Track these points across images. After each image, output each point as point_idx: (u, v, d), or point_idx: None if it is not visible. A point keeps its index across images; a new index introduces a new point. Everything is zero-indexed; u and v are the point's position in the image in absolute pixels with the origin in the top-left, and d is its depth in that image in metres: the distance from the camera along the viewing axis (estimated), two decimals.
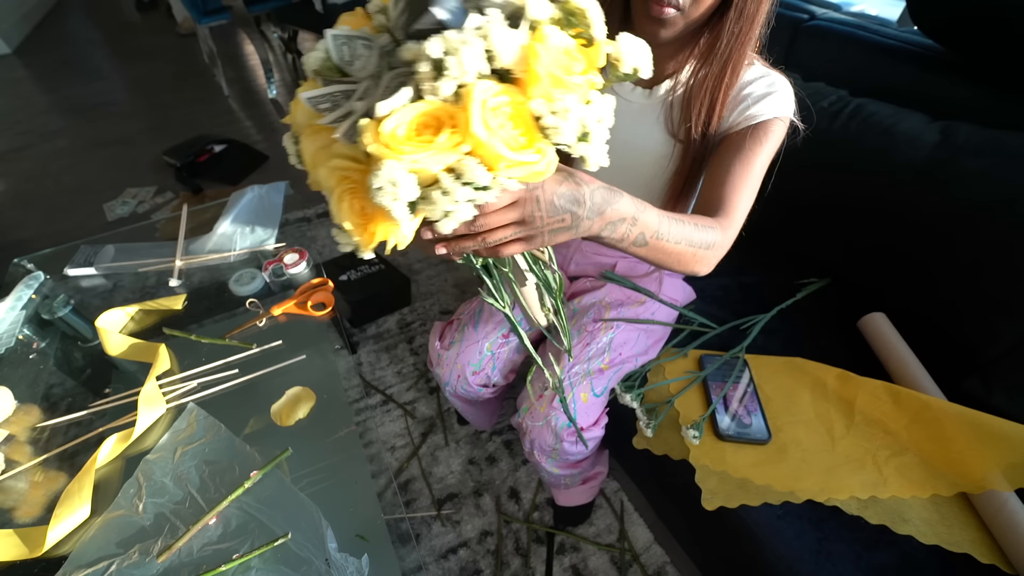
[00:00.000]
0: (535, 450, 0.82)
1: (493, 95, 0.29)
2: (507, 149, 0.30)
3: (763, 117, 0.61)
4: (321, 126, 0.35)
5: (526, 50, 0.30)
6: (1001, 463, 0.64)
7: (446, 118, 0.29)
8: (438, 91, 0.29)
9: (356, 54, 0.36)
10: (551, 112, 0.30)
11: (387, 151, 0.29)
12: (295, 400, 0.72)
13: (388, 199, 0.29)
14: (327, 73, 0.36)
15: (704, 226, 0.53)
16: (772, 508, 0.67)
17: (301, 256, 0.91)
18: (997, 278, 0.72)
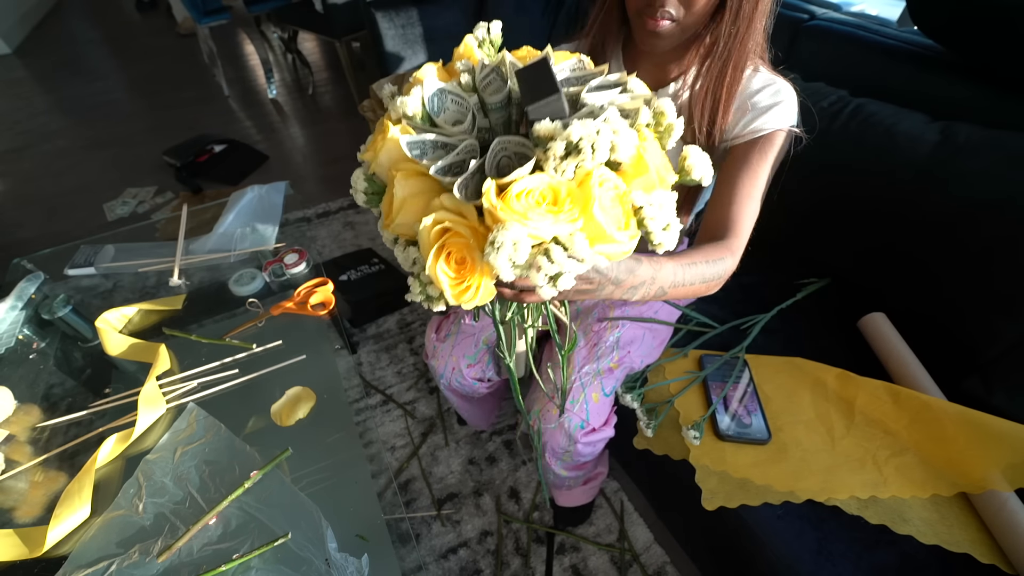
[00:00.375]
0: (547, 452, 0.82)
1: (607, 180, 0.33)
2: (615, 230, 0.33)
3: (768, 129, 0.62)
4: (416, 171, 0.36)
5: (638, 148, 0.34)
6: (1001, 463, 0.64)
7: (562, 193, 0.32)
8: (564, 170, 0.32)
9: (445, 107, 0.39)
10: (649, 203, 0.34)
11: (515, 215, 0.31)
12: (295, 400, 0.72)
13: (503, 259, 0.31)
14: (418, 121, 0.38)
15: (715, 259, 0.55)
16: (772, 508, 0.67)
17: (301, 256, 0.91)
18: (997, 278, 0.72)
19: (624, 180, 0.35)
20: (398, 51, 1.67)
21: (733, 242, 0.58)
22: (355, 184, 0.41)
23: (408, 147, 0.36)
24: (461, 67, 0.42)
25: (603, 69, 0.42)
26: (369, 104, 1.71)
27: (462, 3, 1.69)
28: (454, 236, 0.34)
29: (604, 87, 0.40)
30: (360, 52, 2.89)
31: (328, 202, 2.00)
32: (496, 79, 0.41)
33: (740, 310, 0.91)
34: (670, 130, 0.39)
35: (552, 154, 0.32)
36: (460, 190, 0.33)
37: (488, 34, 0.43)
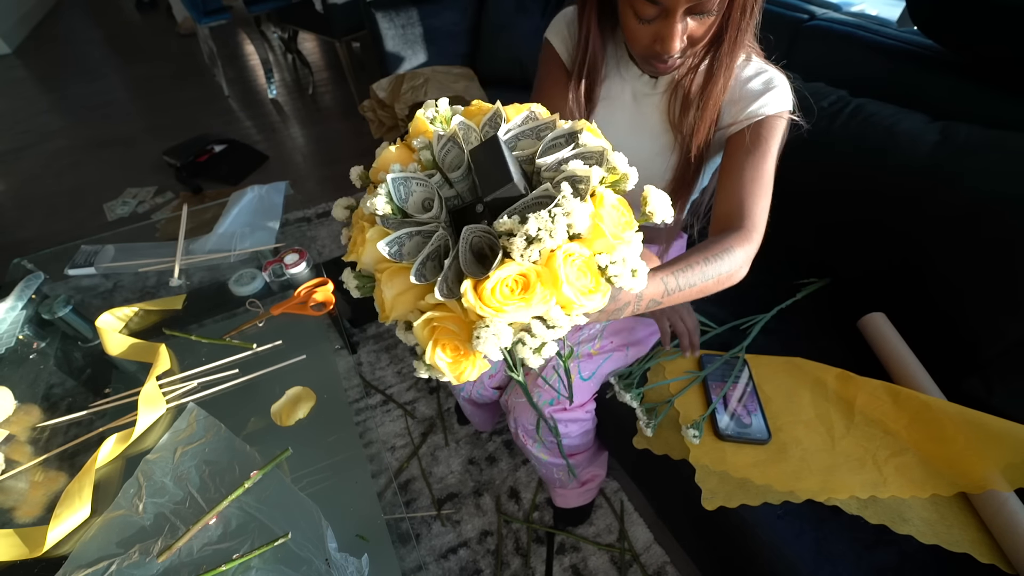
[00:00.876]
0: (519, 430, 0.84)
1: (571, 256, 0.37)
2: (585, 298, 0.37)
3: (765, 113, 0.62)
4: (399, 269, 0.40)
5: (592, 217, 0.38)
6: (1001, 463, 0.64)
7: (532, 275, 0.36)
8: (529, 257, 0.35)
9: (411, 191, 0.42)
10: (611, 262, 0.38)
11: (492, 311, 0.35)
12: (295, 400, 0.72)
13: (490, 347, 0.35)
14: (390, 218, 0.41)
15: (717, 255, 0.54)
16: (772, 508, 0.67)
17: (301, 256, 0.91)
18: (997, 278, 0.72)
19: (586, 246, 0.38)
20: (398, 51, 1.67)
21: (745, 232, 0.57)
22: (347, 282, 0.43)
23: (387, 251, 0.39)
24: (418, 144, 0.45)
25: (554, 119, 0.46)
26: (369, 104, 1.71)
27: (462, 3, 1.69)
28: (444, 331, 0.38)
29: (557, 141, 0.43)
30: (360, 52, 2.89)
31: (328, 202, 2.00)
32: (453, 147, 0.44)
33: (740, 310, 0.91)
34: (625, 179, 0.42)
35: (515, 246, 0.35)
36: (440, 291, 0.37)
37: (438, 111, 0.46)
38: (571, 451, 0.88)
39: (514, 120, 0.45)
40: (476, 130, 0.46)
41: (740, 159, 0.61)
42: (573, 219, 0.36)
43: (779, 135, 0.62)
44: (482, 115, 0.47)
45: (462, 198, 0.44)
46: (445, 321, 0.38)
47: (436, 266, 0.39)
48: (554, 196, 0.37)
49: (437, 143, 0.43)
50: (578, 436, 0.84)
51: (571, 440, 0.83)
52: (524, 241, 0.35)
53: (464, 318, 0.37)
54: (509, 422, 0.85)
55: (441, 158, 0.43)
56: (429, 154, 0.44)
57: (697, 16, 0.55)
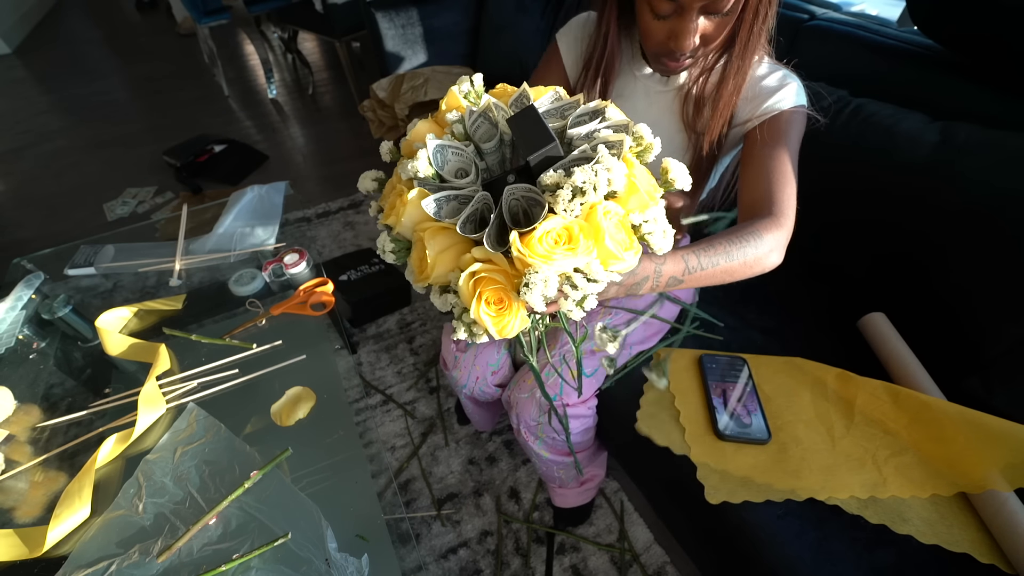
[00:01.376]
0: (521, 426, 0.84)
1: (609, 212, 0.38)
2: (622, 251, 0.39)
3: (781, 107, 0.62)
4: (440, 228, 0.41)
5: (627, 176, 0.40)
6: (1001, 463, 0.64)
7: (575, 230, 0.37)
8: (572, 210, 0.37)
9: (447, 160, 0.44)
10: (645, 220, 0.40)
11: (540, 259, 0.37)
12: (295, 400, 0.72)
13: (537, 295, 0.36)
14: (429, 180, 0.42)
15: (744, 238, 0.53)
16: (772, 508, 0.67)
17: (301, 256, 0.91)
18: (997, 278, 0.72)
19: (621, 205, 0.40)
20: (398, 51, 1.67)
21: (773, 218, 0.56)
22: (382, 247, 0.44)
23: (432, 209, 0.40)
24: (452, 118, 0.46)
25: (579, 99, 0.47)
26: (369, 104, 1.71)
27: (462, 3, 1.69)
28: (488, 282, 0.39)
29: (583, 117, 0.45)
30: (360, 52, 2.89)
31: (328, 202, 2.00)
32: (484, 123, 0.46)
33: (740, 311, 0.91)
34: (649, 148, 0.44)
35: (561, 198, 0.37)
36: (488, 242, 0.38)
37: (472, 86, 0.48)
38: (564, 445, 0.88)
39: (543, 98, 0.47)
40: (505, 108, 0.47)
41: (761, 151, 0.62)
42: (613, 175, 0.37)
43: (798, 128, 0.62)
44: (508, 96, 0.50)
45: (491, 171, 0.46)
46: (491, 272, 0.39)
47: (474, 228, 0.41)
48: (592, 156, 0.39)
49: (469, 117, 0.45)
50: (579, 433, 0.84)
51: (573, 437, 0.83)
52: (570, 192, 0.37)
53: (510, 270, 0.39)
54: (511, 418, 0.85)
55: (473, 131, 0.46)
56: (461, 127, 0.46)
57: (712, 16, 0.55)
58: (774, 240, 0.54)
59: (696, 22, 0.55)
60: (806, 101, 0.64)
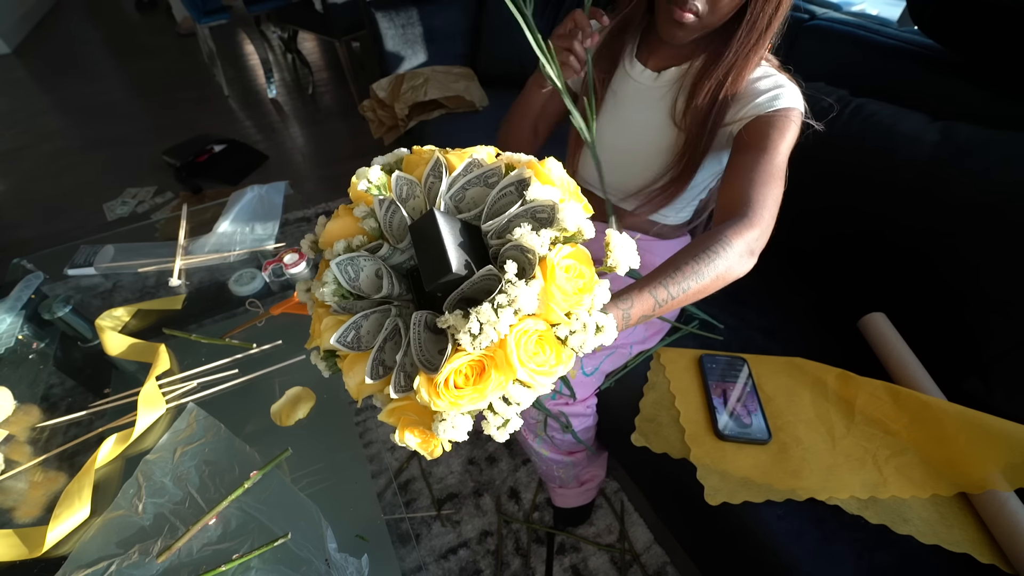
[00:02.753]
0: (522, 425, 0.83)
1: (525, 333, 0.34)
2: (543, 377, 0.35)
3: (774, 107, 0.61)
4: (357, 358, 0.39)
5: (541, 295, 0.35)
6: (1001, 463, 0.64)
7: (486, 360, 0.34)
8: (479, 347, 0.34)
9: (359, 268, 0.40)
10: (572, 332, 0.35)
11: (448, 404, 0.34)
12: (295, 400, 0.72)
13: (452, 435, 0.34)
14: (340, 300, 0.39)
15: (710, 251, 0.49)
16: (772, 508, 0.67)
17: (301, 256, 0.91)
18: (997, 278, 0.72)
19: (541, 318, 0.36)
20: (398, 51, 1.67)
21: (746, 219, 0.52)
22: (318, 364, 0.43)
23: (339, 342, 0.37)
24: (360, 214, 0.42)
25: (500, 164, 0.43)
26: (369, 104, 1.71)
27: (462, 3, 1.68)
28: (408, 420, 0.37)
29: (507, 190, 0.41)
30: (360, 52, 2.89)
31: (328, 202, 2.00)
32: (397, 211, 0.42)
33: (739, 311, 0.91)
34: (579, 235, 0.39)
35: (463, 341, 0.34)
36: (396, 387, 0.36)
37: (371, 182, 0.43)
38: (572, 449, 0.88)
39: (456, 170, 0.42)
40: (419, 184, 0.43)
41: (746, 154, 0.60)
42: (520, 304, 0.34)
43: (789, 133, 0.60)
44: (424, 164, 0.44)
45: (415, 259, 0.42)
46: (407, 411, 0.37)
47: (395, 345, 0.38)
48: (499, 277, 0.35)
49: (380, 208, 0.41)
50: (579, 433, 0.84)
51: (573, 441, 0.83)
52: (469, 337, 0.33)
53: (423, 408, 0.37)
54: None
55: (387, 224, 0.41)
56: (374, 222, 0.42)
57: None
58: (743, 244, 0.51)
59: None
60: (802, 106, 0.63)
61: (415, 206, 0.43)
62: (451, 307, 0.37)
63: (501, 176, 0.42)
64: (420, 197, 0.43)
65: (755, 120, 0.62)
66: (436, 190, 0.42)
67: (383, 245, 0.42)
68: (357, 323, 0.38)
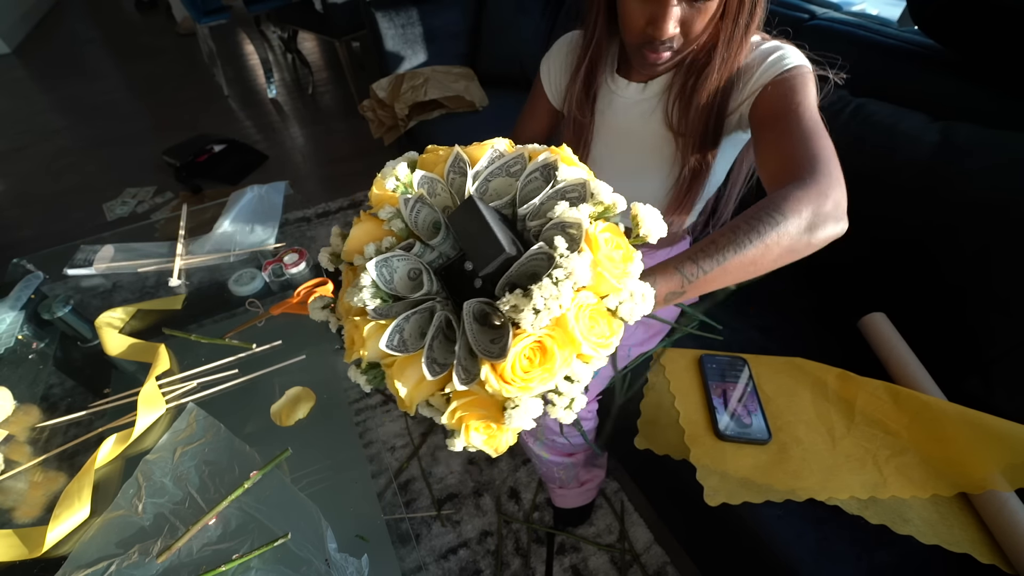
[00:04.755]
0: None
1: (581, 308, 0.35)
2: (604, 350, 0.35)
3: (779, 70, 0.58)
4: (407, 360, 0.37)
5: (592, 265, 0.35)
6: (1001, 463, 0.63)
7: (548, 343, 0.34)
8: (539, 325, 0.33)
9: (394, 269, 0.39)
10: (621, 302, 0.36)
11: (519, 390, 0.34)
12: (295, 400, 0.72)
13: (523, 421, 0.34)
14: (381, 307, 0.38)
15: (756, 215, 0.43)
16: (772, 508, 0.67)
17: (301, 256, 0.91)
18: (997, 278, 0.72)
19: (592, 292, 0.36)
20: (398, 51, 1.67)
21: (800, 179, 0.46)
22: (355, 379, 0.41)
23: (387, 346, 0.36)
24: (385, 215, 0.41)
25: (523, 151, 0.43)
26: (369, 104, 1.71)
27: (462, 3, 1.68)
28: (472, 415, 0.36)
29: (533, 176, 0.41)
30: (360, 52, 2.89)
31: (328, 202, 2.00)
32: (423, 207, 0.41)
33: (740, 310, 0.91)
34: (612, 208, 0.39)
35: (524, 320, 0.33)
36: (459, 378, 0.35)
37: (399, 180, 0.42)
38: (572, 450, 0.88)
39: (480, 162, 0.42)
40: (440, 180, 0.43)
41: (774, 125, 0.54)
42: (577, 277, 0.34)
43: (809, 88, 0.56)
44: (442, 162, 0.44)
45: (446, 255, 0.42)
46: (472, 407, 0.36)
47: (443, 341, 0.38)
48: (550, 253, 0.35)
49: (406, 207, 0.40)
50: (580, 436, 0.84)
51: (573, 439, 0.83)
52: (533, 314, 0.33)
53: (488, 397, 0.36)
54: None
55: (414, 222, 0.41)
56: (400, 222, 0.41)
57: (693, 2, 0.55)
58: (800, 205, 0.44)
59: (675, 7, 0.55)
60: (809, 64, 0.59)
61: (439, 203, 0.43)
62: (501, 292, 0.36)
63: (524, 163, 0.42)
64: (443, 195, 0.43)
65: (766, 90, 0.57)
66: (459, 184, 0.42)
67: (415, 244, 0.41)
68: (400, 326, 0.37)
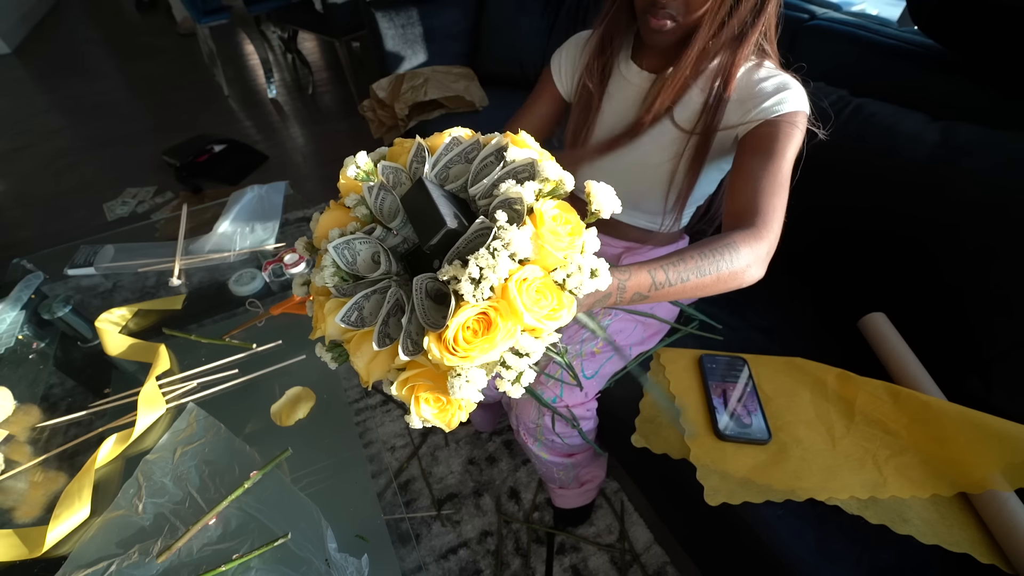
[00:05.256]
0: (521, 427, 0.84)
1: (525, 281, 0.35)
2: (550, 321, 0.36)
3: (778, 111, 0.61)
4: (364, 335, 0.39)
5: (533, 239, 0.36)
6: (1001, 463, 0.63)
7: (491, 312, 0.34)
8: (481, 297, 0.34)
9: (356, 252, 0.41)
10: (568, 275, 0.36)
11: (459, 359, 0.34)
12: (295, 400, 0.72)
13: (468, 392, 0.34)
14: (340, 283, 0.40)
15: (718, 250, 0.49)
16: (772, 508, 0.67)
17: (301, 256, 0.91)
18: (997, 278, 0.72)
19: (538, 265, 0.36)
20: (398, 51, 1.67)
21: (756, 230, 0.53)
22: (322, 357, 0.43)
23: (343, 321, 0.38)
24: (351, 202, 0.43)
25: (478, 138, 0.44)
26: (369, 104, 1.71)
27: (462, 3, 1.68)
28: (422, 386, 0.37)
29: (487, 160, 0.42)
30: (360, 52, 2.89)
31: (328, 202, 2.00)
32: (387, 194, 0.43)
33: (739, 310, 0.91)
34: (561, 184, 0.39)
35: (464, 290, 0.34)
36: (405, 349, 0.36)
37: (359, 167, 0.43)
38: (573, 451, 0.87)
39: (438, 151, 0.44)
40: (404, 170, 0.45)
41: (752, 158, 0.59)
42: (515, 247, 0.34)
43: (794, 138, 0.60)
44: (406, 153, 0.46)
45: (410, 241, 0.43)
46: (420, 377, 0.38)
47: (398, 321, 0.39)
48: (491, 227, 0.36)
49: (369, 195, 0.42)
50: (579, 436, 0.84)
51: (573, 439, 0.83)
52: (471, 284, 0.34)
53: (435, 370, 0.37)
54: (511, 419, 0.85)
55: (378, 208, 0.43)
56: (365, 208, 0.43)
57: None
58: (752, 254, 0.51)
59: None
60: (807, 108, 0.62)
61: (402, 193, 0.44)
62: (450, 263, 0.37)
63: (480, 149, 0.44)
64: (406, 184, 0.45)
65: (761, 125, 0.61)
66: (420, 173, 0.44)
67: (376, 228, 0.43)
68: (359, 303, 0.39)
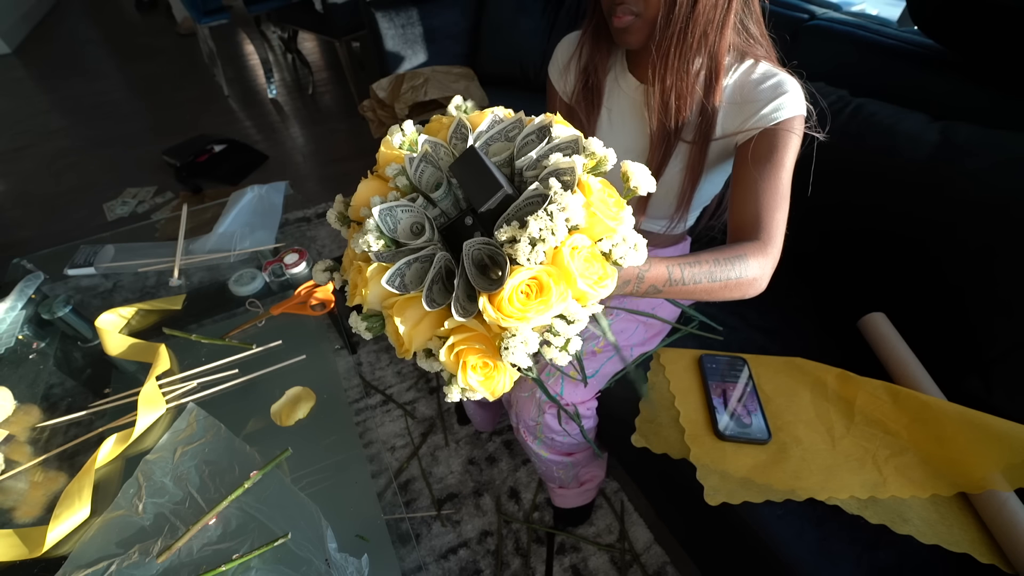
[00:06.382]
0: (521, 426, 0.84)
1: (576, 248, 0.36)
2: (599, 288, 0.37)
3: (777, 119, 0.60)
4: (407, 300, 0.39)
5: (585, 206, 0.37)
6: (1001, 463, 0.63)
7: (544, 278, 0.35)
8: (535, 260, 0.35)
9: (397, 220, 0.41)
10: (614, 245, 0.38)
11: (515, 319, 0.35)
12: (295, 400, 0.72)
13: (520, 356, 0.35)
14: (384, 251, 0.40)
15: (731, 259, 0.52)
16: (772, 508, 0.67)
17: (301, 256, 0.91)
18: (997, 278, 0.72)
19: (587, 235, 0.38)
20: (398, 51, 1.67)
21: (761, 244, 0.55)
22: (356, 327, 0.43)
23: (389, 284, 0.38)
24: (392, 171, 0.44)
25: (520, 116, 0.45)
26: (369, 104, 1.71)
27: (462, 3, 1.69)
28: (469, 350, 0.37)
29: (529, 137, 0.43)
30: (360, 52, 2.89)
31: (328, 202, 2.00)
32: (427, 167, 0.44)
33: (739, 310, 0.91)
34: (603, 162, 0.41)
35: (520, 251, 0.35)
36: (457, 312, 0.36)
37: (405, 135, 0.45)
38: (572, 450, 0.88)
39: (480, 126, 0.45)
40: (444, 145, 0.45)
41: (753, 169, 0.60)
42: (570, 212, 0.36)
43: (793, 145, 0.60)
44: (445, 129, 0.47)
45: (447, 215, 0.44)
46: (469, 341, 0.38)
47: (442, 288, 0.39)
48: (545, 194, 0.37)
49: (411, 166, 0.43)
50: (579, 435, 0.84)
51: (573, 439, 0.83)
52: (529, 245, 0.35)
53: (487, 333, 0.37)
54: (511, 417, 0.85)
55: (418, 180, 0.43)
56: (405, 179, 0.43)
57: None
58: (759, 267, 0.53)
59: None
60: (805, 110, 0.61)
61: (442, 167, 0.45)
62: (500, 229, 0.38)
63: (521, 127, 0.44)
64: (446, 159, 0.45)
65: (760, 134, 0.61)
66: (461, 149, 0.44)
67: (419, 198, 0.43)
68: (401, 270, 0.39)
